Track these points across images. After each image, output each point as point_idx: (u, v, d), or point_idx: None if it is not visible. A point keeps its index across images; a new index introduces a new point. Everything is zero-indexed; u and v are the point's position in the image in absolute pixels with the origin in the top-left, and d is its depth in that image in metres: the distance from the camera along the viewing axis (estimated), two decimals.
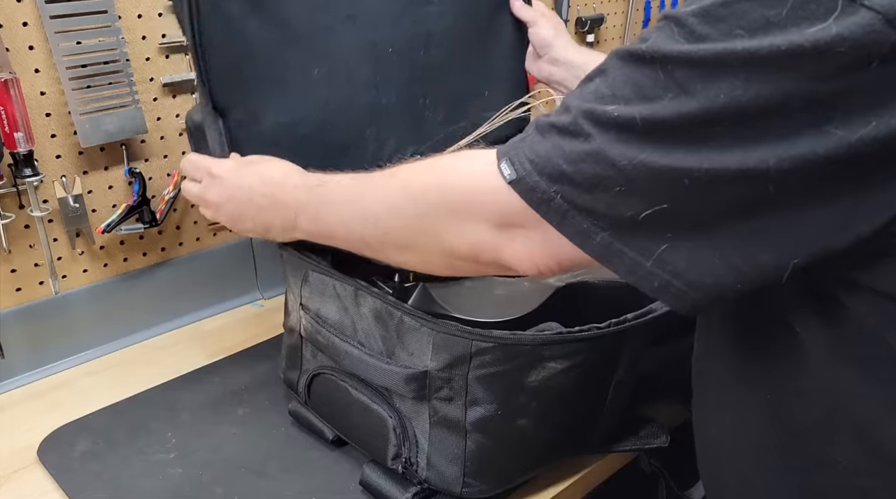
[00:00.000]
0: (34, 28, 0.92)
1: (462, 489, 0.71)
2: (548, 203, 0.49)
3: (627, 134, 0.45)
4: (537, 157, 0.49)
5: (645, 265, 0.47)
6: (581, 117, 0.47)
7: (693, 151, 0.43)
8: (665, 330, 0.76)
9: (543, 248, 0.52)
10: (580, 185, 0.47)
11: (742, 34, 0.41)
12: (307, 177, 0.73)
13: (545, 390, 0.69)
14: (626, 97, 0.45)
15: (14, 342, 0.98)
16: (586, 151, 0.47)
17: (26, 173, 0.92)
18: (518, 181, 0.50)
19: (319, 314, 0.80)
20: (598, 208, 0.47)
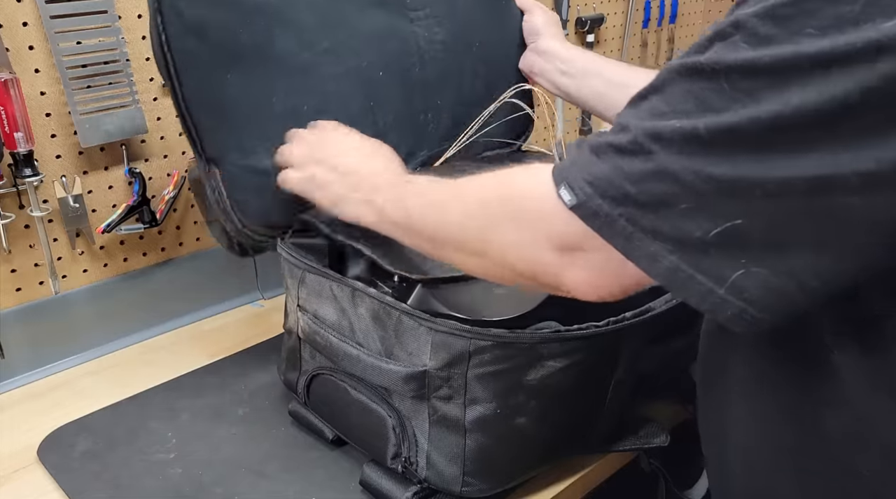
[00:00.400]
0: (34, 28, 0.92)
1: (462, 488, 0.71)
2: (611, 226, 0.46)
3: (692, 147, 0.43)
4: (596, 179, 0.47)
5: (717, 292, 0.44)
6: (641, 135, 0.45)
7: (764, 159, 0.41)
8: (664, 329, 0.76)
9: (605, 272, 0.50)
10: (644, 205, 0.45)
11: (813, 33, 0.39)
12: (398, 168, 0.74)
13: (544, 388, 0.69)
14: (688, 111, 0.43)
15: (14, 342, 0.98)
16: (649, 169, 0.44)
17: (26, 173, 0.92)
18: (579, 206, 0.48)
19: (317, 315, 0.80)
20: (664, 229, 0.45)
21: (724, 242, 0.43)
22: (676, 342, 0.79)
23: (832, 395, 0.50)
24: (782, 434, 0.55)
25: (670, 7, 1.79)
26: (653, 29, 1.79)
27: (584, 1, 1.60)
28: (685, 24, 1.88)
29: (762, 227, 0.42)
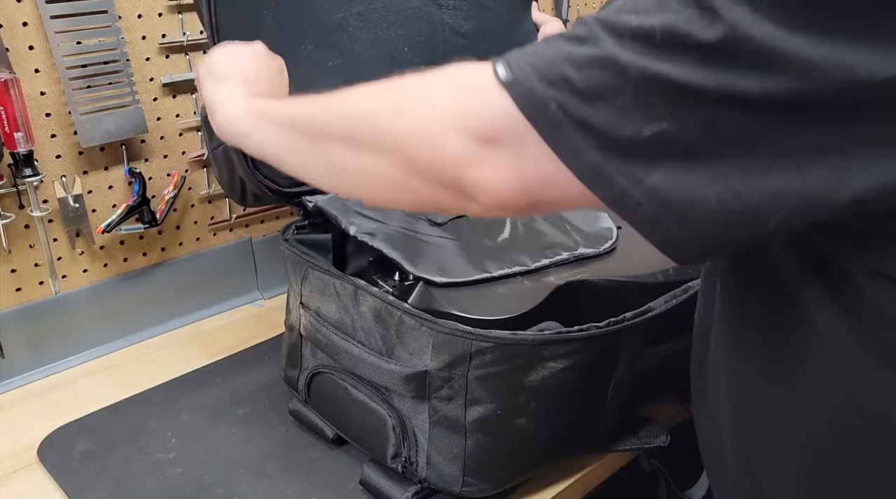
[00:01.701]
0: (34, 28, 0.92)
1: (462, 489, 0.71)
2: (541, 110, 0.44)
3: (643, 44, 0.42)
4: (539, 60, 0.45)
5: (633, 195, 0.43)
6: (596, 26, 0.43)
7: (710, 69, 0.40)
8: (664, 329, 0.76)
9: (515, 172, 0.46)
10: (581, 93, 0.43)
11: None
12: None
13: (545, 389, 0.69)
14: (647, 9, 0.42)
15: (14, 342, 0.98)
16: (595, 55, 0.43)
17: (26, 173, 0.92)
18: (513, 83, 0.45)
19: (319, 313, 0.80)
20: (595, 122, 0.43)
21: (651, 145, 0.42)
22: (676, 342, 0.79)
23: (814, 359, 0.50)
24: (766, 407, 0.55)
25: None
26: None
27: (584, 1, 1.60)
28: None
29: (692, 134, 0.42)
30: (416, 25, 0.94)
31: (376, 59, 0.91)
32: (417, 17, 0.94)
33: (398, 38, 0.92)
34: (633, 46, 0.42)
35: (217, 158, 0.90)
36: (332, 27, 0.87)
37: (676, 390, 0.88)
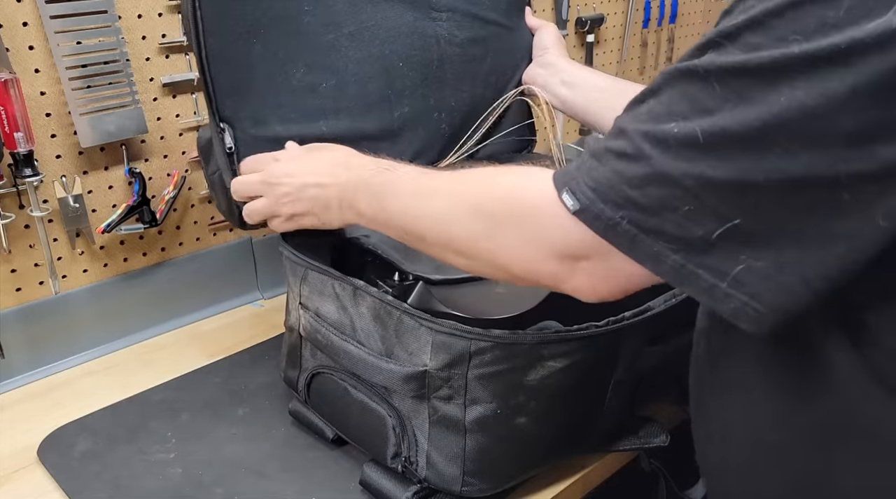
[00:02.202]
0: (34, 28, 0.92)
1: (462, 488, 0.71)
2: (614, 229, 0.48)
3: (689, 151, 0.44)
4: (598, 184, 0.48)
5: (720, 287, 0.46)
6: (639, 139, 0.46)
7: (757, 159, 0.42)
8: (663, 329, 0.76)
9: (608, 277, 0.51)
10: (646, 208, 0.46)
11: (798, 39, 0.41)
12: (374, 159, 0.73)
13: (544, 388, 0.69)
14: (684, 114, 0.45)
15: (14, 342, 0.98)
16: (649, 173, 0.46)
17: (26, 173, 0.92)
18: (582, 211, 0.49)
19: (319, 313, 0.80)
20: (667, 230, 0.46)
21: (725, 241, 0.44)
22: (676, 342, 0.79)
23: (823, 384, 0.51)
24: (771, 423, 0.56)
25: (670, 7, 1.79)
26: (653, 29, 1.79)
27: (584, 1, 1.60)
28: (685, 24, 1.88)
29: (760, 224, 0.44)
30: (409, 40, 0.94)
31: (371, 76, 0.92)
32: (410, 31, 0.94)
33: (392, 55, 0.93)
34: (679, 155, 0.45)
35: (214, 184, 0.91)
36: (324, 49, 0.87)
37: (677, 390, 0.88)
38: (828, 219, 0.43)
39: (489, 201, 0.58)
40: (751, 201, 0.43)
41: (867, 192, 0.41)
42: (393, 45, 0.93)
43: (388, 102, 0.93)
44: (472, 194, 0.60)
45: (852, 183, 0.41)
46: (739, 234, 0.44)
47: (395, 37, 0.93)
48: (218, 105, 0.83)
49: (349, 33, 0.89)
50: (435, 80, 0.97)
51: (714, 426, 0.63)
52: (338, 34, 0.88)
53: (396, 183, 0.68)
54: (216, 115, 0.83)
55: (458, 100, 1.01)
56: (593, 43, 1.63)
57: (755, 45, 0.42)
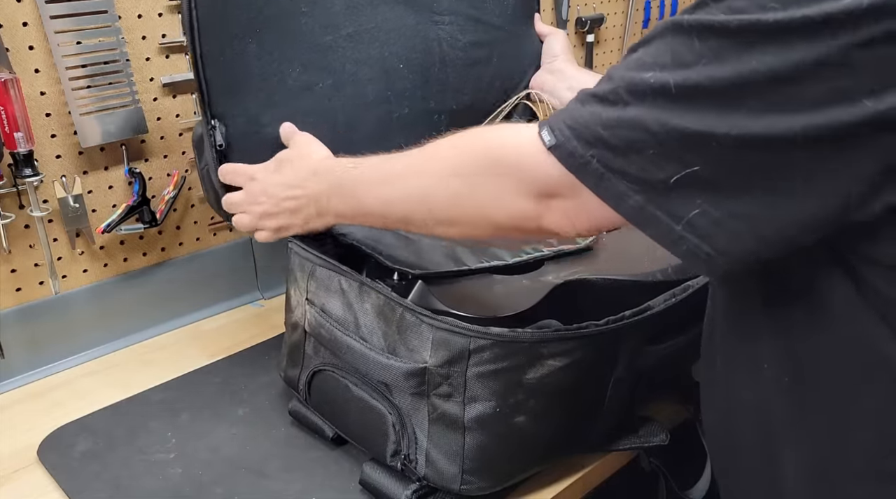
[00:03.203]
0: (34, 28, 0.93)
1: (461, 487, 0.71)
2: (584, 167, 0.51)
3: (662, 99, 0.47)
4: (576, 123, 0.51)
5: (675, 229, 0.49)
6: (620, 86, 0.49)
7: (723, 115, 0.45)
8: (663, 328, 0.76)
9: (580, 214, 0.54)
10: (615, 148, 0.49)
11: (776, 7, 0.43)
12: (340, 160, 0.76)
13: (543, 387, 0.69)
14: (664, 64, 0.47)
15: (14, 342, 0.98)
16: (622, 117, 0.49)
17: (26, 173, 0.92)
18: (557, 147, 0.52)
19: (324, 309, 0.80)
20: (631, 171, 0.49)
21: (683, 185, 0.48)
22: (676, 341, 0.79)
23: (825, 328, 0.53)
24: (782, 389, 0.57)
25: (670, 7, 1.79)
26: None
27: (584, 1, 1.60)
28: None
29: (717, 174, 0.47)
30: (410, 42, 0.95)
31: (370, 78, 0.92)
32: (412, 34, 0.95)
33: (392, 56, 0.93)
34: (652, 102, 0.48)
35: (204, 178, 0.91)
36: (321, 50, 0.88)
37: (677, 390, 0.88)
38: (781, 178, 0.46)
39: (466, 159, 0.61)
40: (712, 152, 0.46)
41: (823, 157, 0.44)
42: (393, 47, 0.93)
43: (387, 103, 0.93)
44: (446, 159, 0.63)
45: (809, 146, 0.44)
46: (697, 180, 0.47)
47: (396, 39, 0.93)
48: (211, 102, 0.83)
49: (347, 35, 0.89)
50: (436, 82, 0.97)
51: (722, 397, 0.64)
52: (336, 36, 0.88)
53: (365, 175, 0.70)
54: (208, 111, 0.83)
55: (460, 103, 1.01)
56: (593, 43, 1.64)
57: (738, 8, 0.45)
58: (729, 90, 0.45)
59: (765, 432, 0.59)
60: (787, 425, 0.57)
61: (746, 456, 0.62)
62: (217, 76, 0.82)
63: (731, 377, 0.63)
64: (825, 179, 0.45)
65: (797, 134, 0.43)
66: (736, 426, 0.63)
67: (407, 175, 0.66)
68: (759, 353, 0.58)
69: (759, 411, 0.59)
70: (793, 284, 0.54)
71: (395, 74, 0.94)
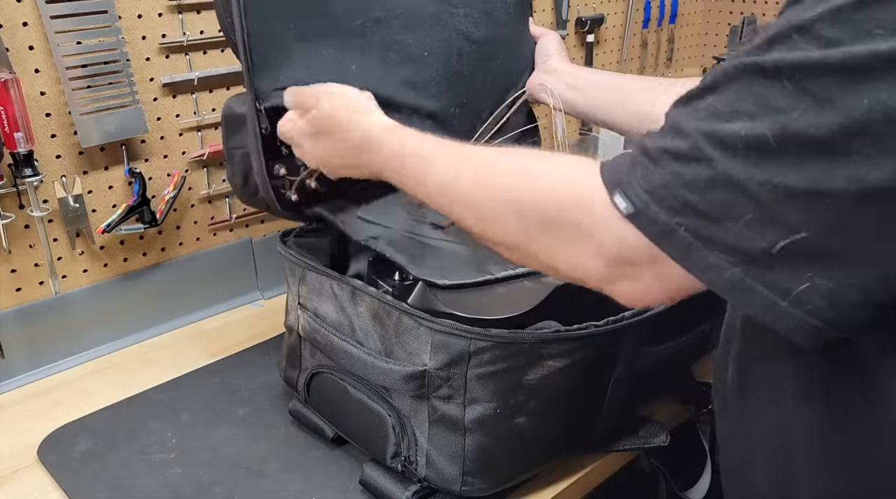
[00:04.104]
0: (34, 28, 0.92)
1: (461, 488, 0.71)
2: (669, 236, 0.45)
3: (758, 154, 0.41)
4: (654, 187, 0.45)
5: (780, 305, 0.43)
6: (701, 139, 0.43)
7: (834, 166, 0.39)
8: (663, 329, 0.76)
9: (654, 284, 0.48)
10: (706, 215, 0.43)
11: (883, 34, 0.38)
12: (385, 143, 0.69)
13: (544, 388, 0.69)
14: (751, 113, 0.41)
15: (14, 342, 0.98)
16: (711, 176, 0.42)
17: (26, 173, 0.92)
18: (637, 215, 0.46)
19: (317, 313, 0.80)
20: (727, 240, 0.43)
21: (790, 255, 0.42)
22: (676, 342, 0.79)
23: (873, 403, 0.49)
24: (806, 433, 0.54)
25: (670, 7, 1.79)
26: (653, 29, 1.79)
27: (584, 1, 1.60)
28: (685, 24, 1.88)
29: (830, 238, 0.41)
30: (432, 31, 0.95)
31: (397, 63, 0.92)
32: (434, 23, 0.95)
33: (416, 44, 0.93)
34: (747, 158, 0.41)
35: (233, 158, 0.90)
36: (352, 33, 0.88)
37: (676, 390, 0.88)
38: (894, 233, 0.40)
39: (531, 201, 0.54)
40: (823, 212, 0.40)
41: None
42: (417, 33, 0.93)
43: (411, 90, 0.93)
44: (510, 189, 0.56)
45: None
46: (806, 248, 0.41)
47: (420, 26, 0.93)
48: (255, 81, 0.81)
49: (376, 19, 0.89)
50: (454, 74, 0.98)
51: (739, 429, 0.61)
52: (366, 19, 0.89)
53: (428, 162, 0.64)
54: (254, 92, 0.81)
55: (469, 97, 1.01)
56: (593, 43, 1.64)
57: (832, 40, 0.39)
58: (840, 137, 0.38)
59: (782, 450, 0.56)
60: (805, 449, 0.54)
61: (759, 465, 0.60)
62: (260, 56, 0.81)
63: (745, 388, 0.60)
64: None
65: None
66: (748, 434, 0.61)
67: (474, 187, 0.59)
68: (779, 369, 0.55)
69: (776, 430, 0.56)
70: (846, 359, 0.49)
71: (419, 62, 0.94)
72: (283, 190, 0.85)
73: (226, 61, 1.10)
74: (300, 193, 0.85)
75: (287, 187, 0.85)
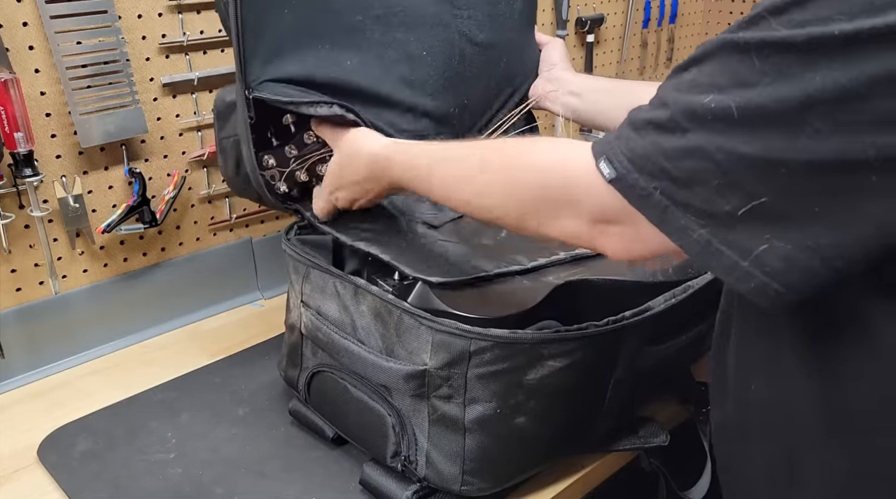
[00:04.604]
0: (34, 28, 0.93)
1: (461, 488, 0.71)
2: (647, 199, 0.49)
3: (723, 125, 0.45)
4: (635, 154, 0.50)
5: (742, 265, 0.46)
6: (678, 111, 0.47)
7: (790, 138, 0.43)
8: (663, 329, 0.76)
9: (636, 241, 0.53)
10: (679, 180, 0.47)
11: (842, 18, 0.41)
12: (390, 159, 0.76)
13: (544, 388, 0.69)
14: (722, 85, 0.45)
15: (14, 342, 0.98)
16: (684, 146, 0.47)
17: (26, 173, 0.92)
18: (618, 180, 0.50)
19: (320, 311, 0.80)
20: (696, 204, 0.47)
21: (751, 218, 0.45)
22: (676, 342, 0.79)
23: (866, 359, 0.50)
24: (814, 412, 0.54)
25: (670, 7, 1.79)
26: (653, 29, 1.79)
27: (584, 1, 1.60)
28: (685, 24, 1.88)
29: (787, 204, 0.44)
30: (433, 31, 0.95)
31: (394, 61, 0.92)
32: (434, 23, 0.95)
33: (416, 42, 0.93)
34: (713, 128, 0.45)
35: (225, 149, 0.90)
36: (350, 29, 0.88)
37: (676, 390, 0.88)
38: (856, 201, 0.43)
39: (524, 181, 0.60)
40: (780, 180, 0.44)
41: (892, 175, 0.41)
42: (418, 32, 0.93)
43: (408, 88, 0.93)
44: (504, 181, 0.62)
45: (881, 166, 0.41)
46: (765, 212, 0.45)
47: (421, 25, 0.93)
48: (246, 70, 0.81)
49: (376, 16, 0.89)
50: (456, 75, 0.97)
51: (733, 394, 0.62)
52: (365, 16, 0.89)
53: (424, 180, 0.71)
54: (244, 81, 0.81)
55: (471, 100, 1.01)
56: (593, 43, 1.64)
57: (800, 21, 0.42)
58: (794, 111, 0.42)
59: (784, 432, 0.57)
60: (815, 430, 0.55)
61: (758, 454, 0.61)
62: (253, 44, 0.81)
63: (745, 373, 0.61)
64: None
65: (869, 155, 0.41)
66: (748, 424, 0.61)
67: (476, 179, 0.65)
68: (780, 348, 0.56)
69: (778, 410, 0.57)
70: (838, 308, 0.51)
71: (418, 61, 0.94)
72: (274, 181, 0.86)
73: (226, 61, 1.10)
74: (290, 184, 0.86)
75: (277, 179, 0.86)
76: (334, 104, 0.83)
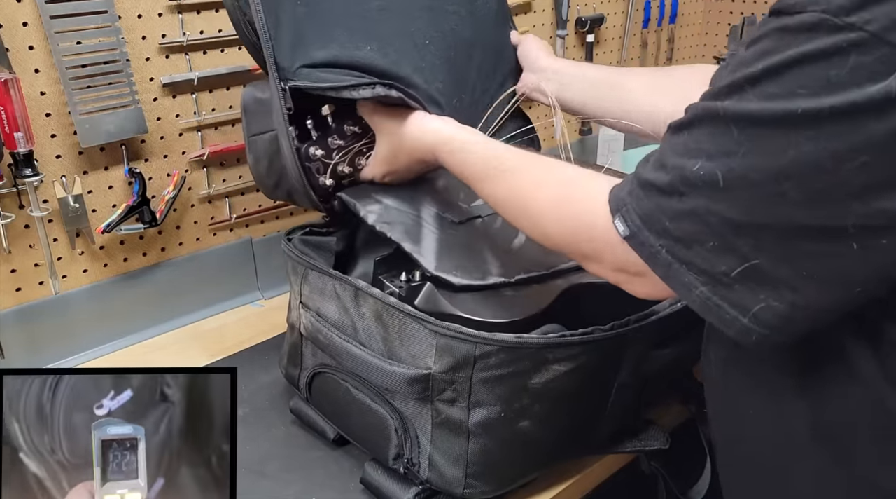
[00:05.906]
0: (34, 28, 0.92)
1: (464, 490, 0.71)
2: (655, 256, 0.52)
3: (711, 190, 0.48)
4: (644, 214, 0.53)
5: (741, 321, 0.49)
6: (675, 175, 0.50)
7: (771, 206, 0.45)
8: (668, 333, 0.76)
9: (659, 286, 0.55)
10: (681, 240, 0.50)
11: (804, 94, 0.43)
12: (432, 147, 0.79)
13: (548, 392, 0.69)
14: (709, 152, 0.48)
15: (14, 342, 0.98)
16: (682, 209, 0.50)
17: (26, 173, 0.92)
18: (631, 237, 0.54)
19: (320, 313, 0.80)
20: (697, 262, 0.50)
21: (746, 279, 0.48)
22: (679, 346, 0.79)
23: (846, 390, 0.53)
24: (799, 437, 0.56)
25: (670, 7, 1.79)
26: (653, 29, 1.79)
27: (584, 1, 1.60)
28: (685, 24, 1.88)
29: (778, 267, 0.47)
30: (431, 22, 0.95)
31: (406, 48, 0.92)
32: (430, 17, 0.95)
33: (418, 32, 0.94)
34: (703, 193, 0.48)
35: (256, 146, 0.88)
36: (358, 18, 0.88)
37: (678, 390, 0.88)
38: (842, 266, 0.45)
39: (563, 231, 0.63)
40: (768, 244, 0.46)
41: (875, 245, 0.44)
42: (418, 22, 0.93)
43: (422, 74, 0.93)
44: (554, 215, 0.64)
45: (858, 233, 0.44)
46: (759, 273, 0.47)
47: (419, 16, 0.94)
48: (278, 60, 0.81)
49: (378, 7, 0.90)
50: (453, 66, 0.97)
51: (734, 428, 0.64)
52: (367, 7, 0.89)
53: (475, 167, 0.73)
54: (277, 72, 0.81)
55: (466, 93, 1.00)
56: (593, 43, 1.63)
57: (771, 94, 0.44)
58: (773, 181, 0.45)
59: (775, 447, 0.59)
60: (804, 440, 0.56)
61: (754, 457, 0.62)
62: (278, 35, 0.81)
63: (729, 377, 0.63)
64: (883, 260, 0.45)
65: (847, 223, 0.43)
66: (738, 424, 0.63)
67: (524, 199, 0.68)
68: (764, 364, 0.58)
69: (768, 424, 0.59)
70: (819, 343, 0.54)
71: (424, 50, 0.94)
72: (318, 174, 0.84)
73: (226, 61, 1.10)
74: (334, 177, 0.85)
75: (322, 171, 0.84)
76: (377, 85, 0.82)
